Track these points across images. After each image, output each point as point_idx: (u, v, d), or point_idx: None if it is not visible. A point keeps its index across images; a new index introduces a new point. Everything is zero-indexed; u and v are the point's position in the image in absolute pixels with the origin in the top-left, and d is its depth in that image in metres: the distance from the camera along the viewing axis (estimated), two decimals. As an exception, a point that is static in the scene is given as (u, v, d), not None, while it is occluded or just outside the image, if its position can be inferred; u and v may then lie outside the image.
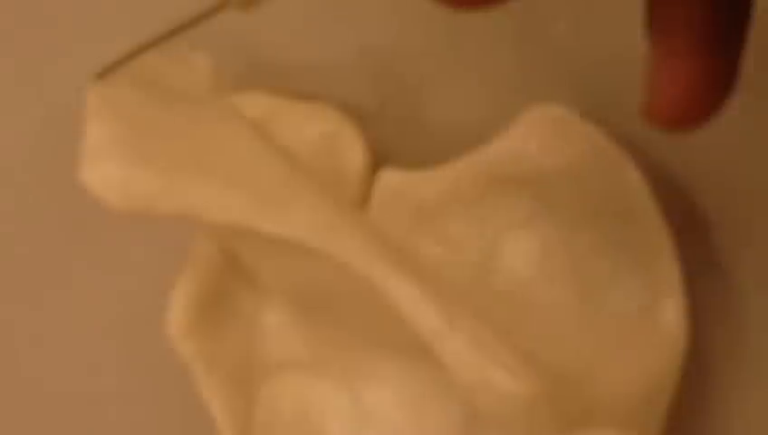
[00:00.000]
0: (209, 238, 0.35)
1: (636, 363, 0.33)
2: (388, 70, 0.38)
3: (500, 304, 0.33)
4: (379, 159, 0.38)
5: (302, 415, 0.34)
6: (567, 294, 0.34)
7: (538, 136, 0.36)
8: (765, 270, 0.36)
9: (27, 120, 0.40)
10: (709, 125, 0.26)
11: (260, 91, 0.38)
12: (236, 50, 0.38)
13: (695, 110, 0.26)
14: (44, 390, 0.39)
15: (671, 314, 0.34)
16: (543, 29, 0.38)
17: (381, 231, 0.29)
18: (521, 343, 0.29)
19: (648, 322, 0.34)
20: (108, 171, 0.28)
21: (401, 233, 0.35)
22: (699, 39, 0.25)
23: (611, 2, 0.37)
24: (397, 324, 0.30)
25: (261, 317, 0.35)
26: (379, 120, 0.38)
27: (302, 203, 0.29)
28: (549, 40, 0.38)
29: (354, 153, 0.37)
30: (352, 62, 0.38)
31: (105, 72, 0.30)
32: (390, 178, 0.37)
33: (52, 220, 0.40)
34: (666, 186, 0.36)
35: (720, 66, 0.26)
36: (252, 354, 0.35)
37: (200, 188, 0.28)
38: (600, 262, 0.34)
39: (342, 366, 0.34)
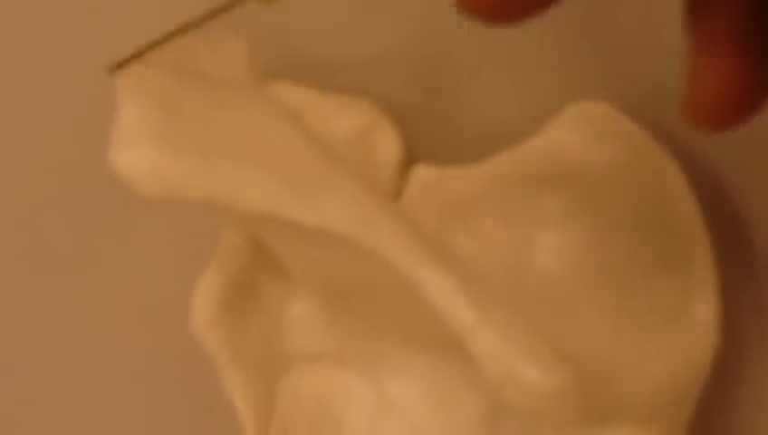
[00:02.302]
0: (238, 228, 0.34)
1: (666, 363, 0.32)
2: (425, 64, 0.38)
3: (531, 302, 0.32)
4: (413, 155, 0.37)
5: (325, 407, 0.34)
6: (599, 293, 0.33)
7: (578, 134, 0.36)
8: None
9: (56, 101, 0.40)
10: (751, 124, 0.26)
11: (294, 82, 0.37)
12: (271, 40, 0.38)
13: (735, 109, 0.26)
14: (69, 376, 0.39)
15: (704, 316, 0.33)
16: (585, 26, 0.37)
17: (415, 222, 0.29)
18: (551, 338, 0.29)
19: (681, 323, 0.33)
20: (138, 156, 0.27)
21: (434, 229, 0.35)
22: (742, 38, 0.25)
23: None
24: (425, 317, 0.29)
25: (287, 309, 0.35)
26: (415, 115, 0.38)
27: (336, 192, 0.28)
28: (591, 37, 0.37)
29: (388, 147, 0.37)
30: (388, 56, 0.38)
31: (124, 64, 0.30)
32: (424, 174, 0.37)
33: (79, 207, 0.40)
34: (707, 185, 0.36)
35: (762, 65, 0.25)
36: (276, 346, 0.35)
37: (232, 175, 0.28)
38: (636, 263, 0.34)
39: (367, 359, 0.34)
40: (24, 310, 0.40)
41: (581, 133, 0.36)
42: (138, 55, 0.30)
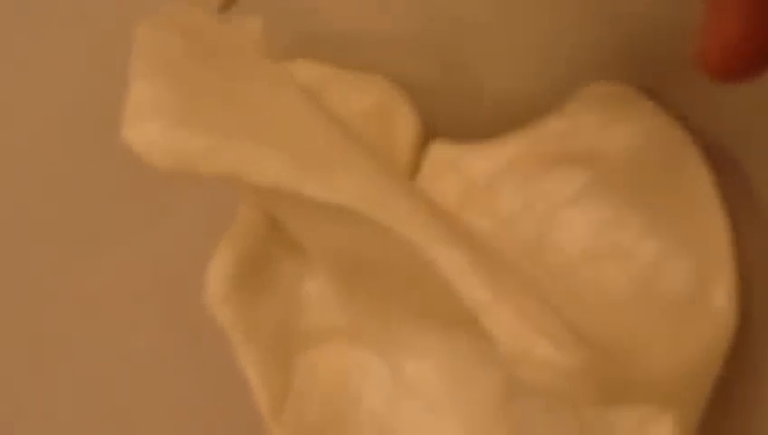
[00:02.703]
0: (252, 203, 0.34)
1: (682, 343, 0.32)
2: (443, 42, 0.38)
3: (548, 279, 0.32)
4: (431, 132, 0.37)
5: (341, 385, 0.34)
6: (616, 271, 0.33)
7: (595, 113, 0.36)
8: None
9: (72, 76, 0.40)
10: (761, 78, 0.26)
11: (311, 59, 0.37)
12: (289, 18, 0.38)
13: (745, 59, 0.26)
14: (83, 351, 0.39)
15: (721, 298, 0.33)
16: (602, 5, 0.37)
17: (430, 199, 0.29)
18: (567, 316, 0.29)
19: (697, 303, 0.33)
20: (151, 130, 0.27)
21: (450, 205, 0.35)
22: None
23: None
24: (440, 295, 0.29)
25: (301, 286, 0.35)
26: (432, 92, 0.38)
27: (350, 168, 0.28)
28: (610, 15, 0.37)
29: (405, 124, 0.36)
30: (405, 34, 0.38)
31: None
32: (442, 151, 0.36)
33: (93, 182, 0.40)
34: (725, 165, 0.36)
35: None
36: (291, 323, 0.35)
37: (245, 150, 0.28)
38: (652, 241, 0.33)
39: (383, 336, 0.34)
40: (40, 285, 0.40)
41: (599, 112, 0.36)
42: None
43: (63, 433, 0.39)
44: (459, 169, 0.36)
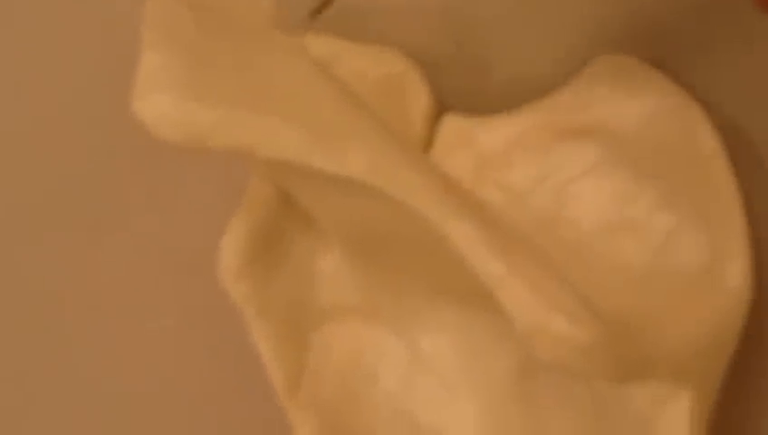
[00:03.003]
0: (265, 178, 0.34)
1: (696, 318, 0.32)
2: (455, 15, 0.38)
3: (561, 253, 0.32)
4: (443, 105, 0.37)
5: (356, 361, 0.34)
6: (629, 244, 0.33)
7: (607, 86, 0.35)
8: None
9: (81, 50, 0.40)
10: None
11: (323, 32, 0.37)
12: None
13: None
14: (96, 328, 0.39)
15: (735, 272, 0.33)
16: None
17: (443, 172, 0.29)
18: (581, 290, 0.29)
19: (712, 278, 0.33)
20: (161, 103, 0.27)
21: (463, 180, 0.35)
22: None
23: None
24: (454, 270, 0.29)
25: (315, 261, 0.35)
26: (445, 65, 0.37)
27: (362, 141, 0.28)
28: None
29: (418, 97, 0.36)
30: (418, 7, 0.38)
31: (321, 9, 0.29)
32: (454, 124, 0.36)
33: (105, 157, 0.39)
34: (736, 138, 0.35)
35: None
36: (305, 299, 0.35)
37: (257, 123, 0.27)
38: (665, 215, 0.33)
39: (397, 313, 0.34)
40: (50, 262, 0.40)
41: (610, 85, 0.35)
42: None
43: (77, 416, 0.39)
44: (471, 142, 0.36)
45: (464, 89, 0.37)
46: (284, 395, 0.34)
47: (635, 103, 0.35)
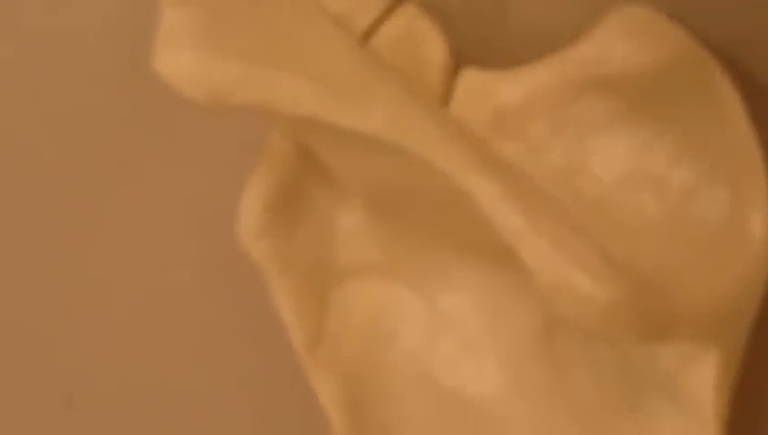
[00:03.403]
0: (285, 135, 0.34)
1: (720, 273, 0.32)
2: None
3: (580, 207, 0.32)
4: (461, 60, 0.37)
5: (376, 320, 0.34)
6: (649, 198, 0.33)
7: (623, 38, 0.35)
8: None
9: (98, 6, 0.39)
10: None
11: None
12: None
13: None
14: (115, 286, 0.39)
15: (758, 225, 0.33)
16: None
17: (463, 128, 0.29)
18: (603, 247, 0.29)
19: (734, 230, 0.33)
20: (182, 60, 0.27)
21: (482, 134, 0.34)
22: None
23: None
24: (475, 226, 0.29)
25: (336, 219, 0.35)
26: (462, 20, 0.37)
27: (382, 96, 0.28)
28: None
29: (434, 52, 0.36)
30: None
31: None
32: (471, 78, 0.36)
33: (124, 113, 0.39)
34: (754, 92, 0.35)
35: None
36: (325, 257, 0.35)
37: (278, 79, 0.27)
38: (685, 167, 0.33)
39: (418, 271, 0.34)
40: (68, 220, 0.40)
41: (627, 37, 0.35)
42: None
43: (97, 370, 0.39)
44: (489, 96, 0.36)
45: (479, 44, 0.37)
46: (305, 353, 0.34)
47: (652, 55, 0.35)
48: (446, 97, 0.36)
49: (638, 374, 0.32)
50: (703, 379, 0.31)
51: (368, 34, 0.31)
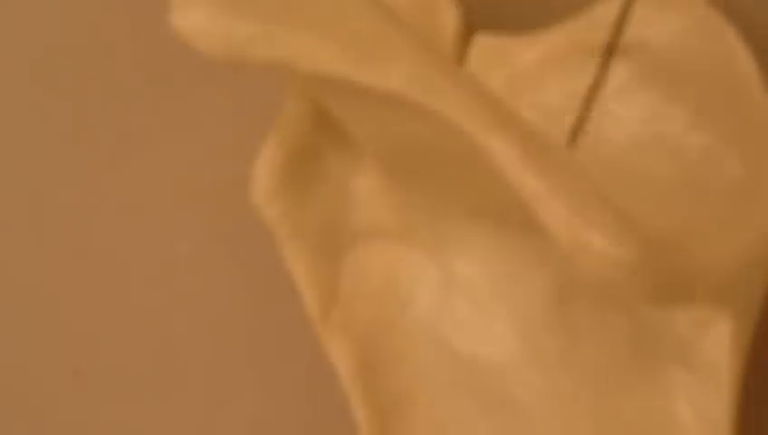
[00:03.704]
0: (300, 95, 0.34)
1: (735, 235, 0.32)
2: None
3: (597, 171, 0.32)
4: (474, 24, 0.37)
5: (389, 284, 0.34)
6: (664, 162, 0.33)
7: (640, 3, 0.35)
8: None
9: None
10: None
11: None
12: None
13: None
14: (121, 257, 0.39)
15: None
16: None
17: (482, 87, 0.28)
18: (620, 208, 0.29)
19: (748, 196, 0.33)
20: (200, 16, 0.27)
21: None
22: None
23: None
24: (492, 188, 0.29)
25: (350, 183, 0.35)
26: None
27: (403, 55, 0.28)
28: None
29: (448, 17, 0.36)
30: None
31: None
32: (486, 43, 0.36)
33: (135, 74, 0.39)
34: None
35: None
36: (339, 221, 0.35)
37: (296, 36, 0.27)
38: (700, 132, 0.33)
39: (433, 235, 0.33)
40: (69, 187, 0.39)
41: (643, 2, 0.35)
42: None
43: (103, 341, 0.39)
44: (503, 61, 0.36)
45: (492, 8, 0.37)
46: (317, 317, 0.34)
47: (669, 21, 0.35)
48: (459, 64, 0.36)
49: (652, 340, 0.32)
50: (717, 343, 0.31)
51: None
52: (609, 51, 0.33)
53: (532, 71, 0.35)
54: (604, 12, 0.35)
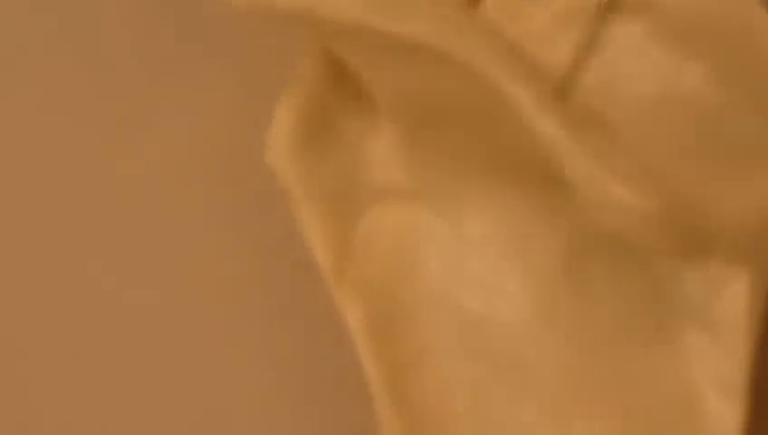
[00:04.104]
0: (318, 52, 0.33)
1: (753, 191, 0.32)
2: None
3: (620, 123, 0.32)
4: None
5: (402, 243, 0.34)
6: (679, 118, 0.33)
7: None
8: None
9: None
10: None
11: None
12: None
13: None
14: (133, 223, 0.39)
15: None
16: None
17: (503, 36, 0.28)
18: (643, 160, 0.29)
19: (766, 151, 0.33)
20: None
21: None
22: None
23: None
24: (510, 142, 0.29)
25: (366, 143, 0.34)
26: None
27: (426, 2, 0.28)
28: None
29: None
30: None
31: None
32: (499, 2, 0.36)
33: (143, 41, 0.39)
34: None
35: None
36: (354, 181, 0.34)
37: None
38: (716, 89, 0.33)
39: (446, 193, 0.33)
40: (73, 159, 0.39)
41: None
42: None
43: (107, 309, 0.39)
44: (516, 19, 0.35)
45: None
46: (331, 277, 0.34)
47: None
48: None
49: (667, 299, 0.32)
50: (733, 302, 0.31)
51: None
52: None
53: (545, 28, 0.35)
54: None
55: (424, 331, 0.34)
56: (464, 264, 0.34)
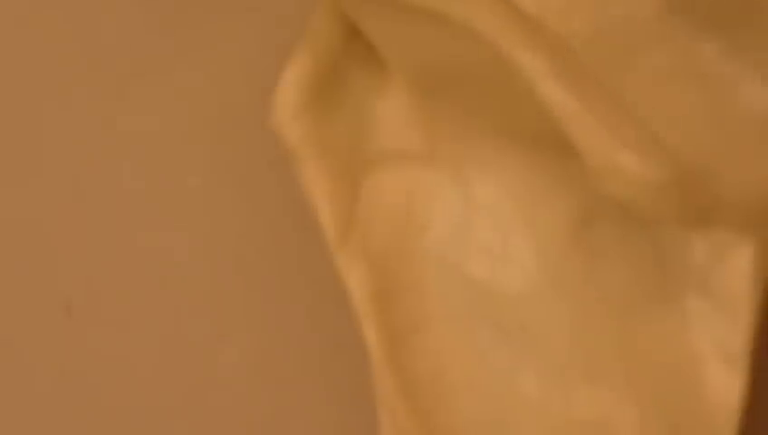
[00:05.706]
0: (330, 14, 0.33)
1: (764, 162, 0.32)
2: None
3: (630, 93, 0.32)
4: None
5: (408, 207, 0.34)
6: (693, 90, 0.33)
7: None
8: None
9: None
10: None
11: None
12: None
13: None
14: (131, 183, 0.39)
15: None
16: None
17: (516, 5, 0.28)
18: (653, 129, 0.29)
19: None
20: None
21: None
22: None
23: None
24: (519, 108, 0.29)
25: (376, 104, 0.34)
26: None
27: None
28: None
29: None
30: None
31: None
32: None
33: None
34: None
35: None
36: (362, 142, 0.34)
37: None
38: (731, 63, 0.33)
39: (455, 158, 0.33)
40: (76, 116, 0.39)
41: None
42: None
43: (99, 277, 0.39)
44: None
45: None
46: (334, 240, 0.34)
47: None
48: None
49: (673, 267, 0.32)
50: (737, 270, 0.31)
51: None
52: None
53: (558, 7, 0.34)
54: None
55: (428, 296, 0.34)
56: (471, 229, 0.33)
